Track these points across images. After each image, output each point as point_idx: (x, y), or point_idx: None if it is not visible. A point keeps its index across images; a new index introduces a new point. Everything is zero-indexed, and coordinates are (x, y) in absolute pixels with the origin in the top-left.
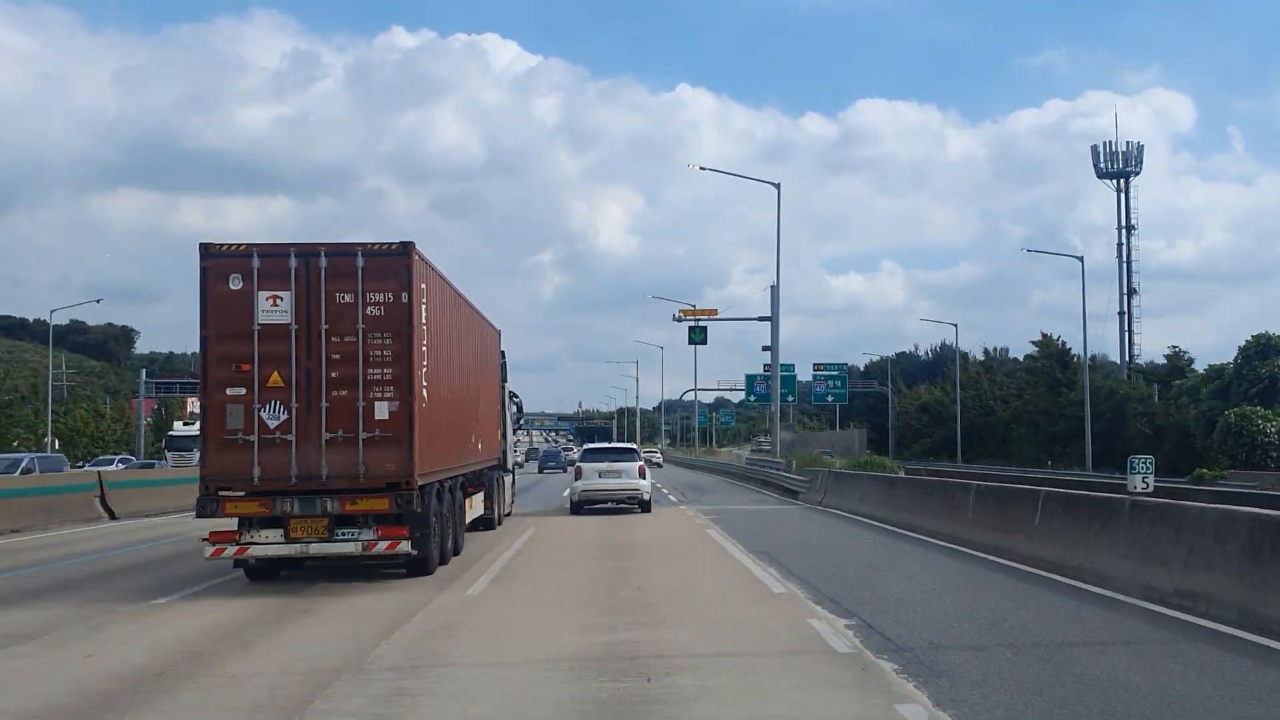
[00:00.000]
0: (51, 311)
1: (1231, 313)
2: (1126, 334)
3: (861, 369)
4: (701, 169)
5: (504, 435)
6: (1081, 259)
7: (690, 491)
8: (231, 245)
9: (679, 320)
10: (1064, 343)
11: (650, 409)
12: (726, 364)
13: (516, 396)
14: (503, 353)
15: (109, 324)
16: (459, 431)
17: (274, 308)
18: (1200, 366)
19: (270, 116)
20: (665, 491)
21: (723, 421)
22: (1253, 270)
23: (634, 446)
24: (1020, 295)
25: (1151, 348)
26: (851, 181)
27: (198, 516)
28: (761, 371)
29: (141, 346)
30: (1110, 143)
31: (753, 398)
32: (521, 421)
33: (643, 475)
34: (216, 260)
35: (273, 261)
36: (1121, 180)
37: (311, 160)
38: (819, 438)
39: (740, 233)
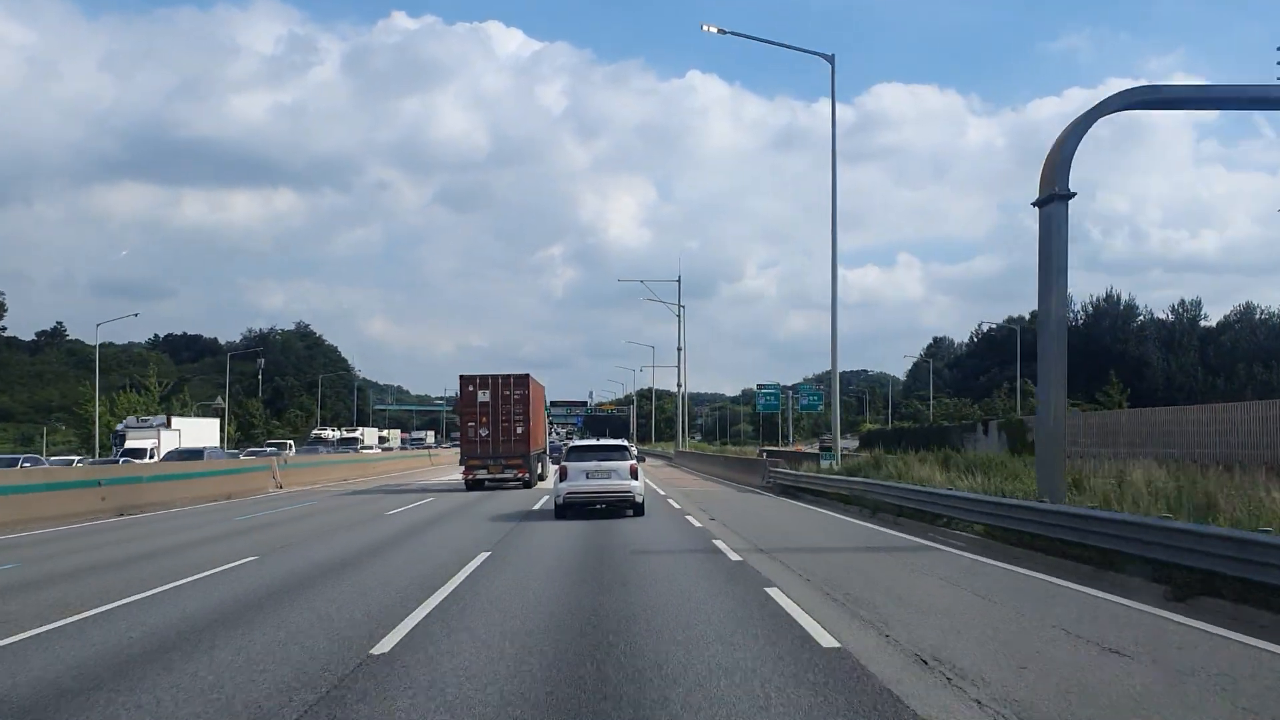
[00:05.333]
0: None
1: (1258, 304)
2: None
3: None
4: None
5: (546, 437)
6: None
7: None
8: (471, 375)
9: None
10: None
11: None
12: (738, 359)
13: (549, 414)
14: (546, 398)
15: None
16: (535, 435)
17: (484, 397)
18: None
19: (272, 105)
20: None
21: (806, 404)
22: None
23: (625, 443)
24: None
25: None
26: (869, 170)
27: (460, 464)
28: None
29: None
30: None
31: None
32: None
33: (634, 475)
34: (464, 379)
35: (484, 380)
36: None
37: (314, 150)
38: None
39: (754, 226)
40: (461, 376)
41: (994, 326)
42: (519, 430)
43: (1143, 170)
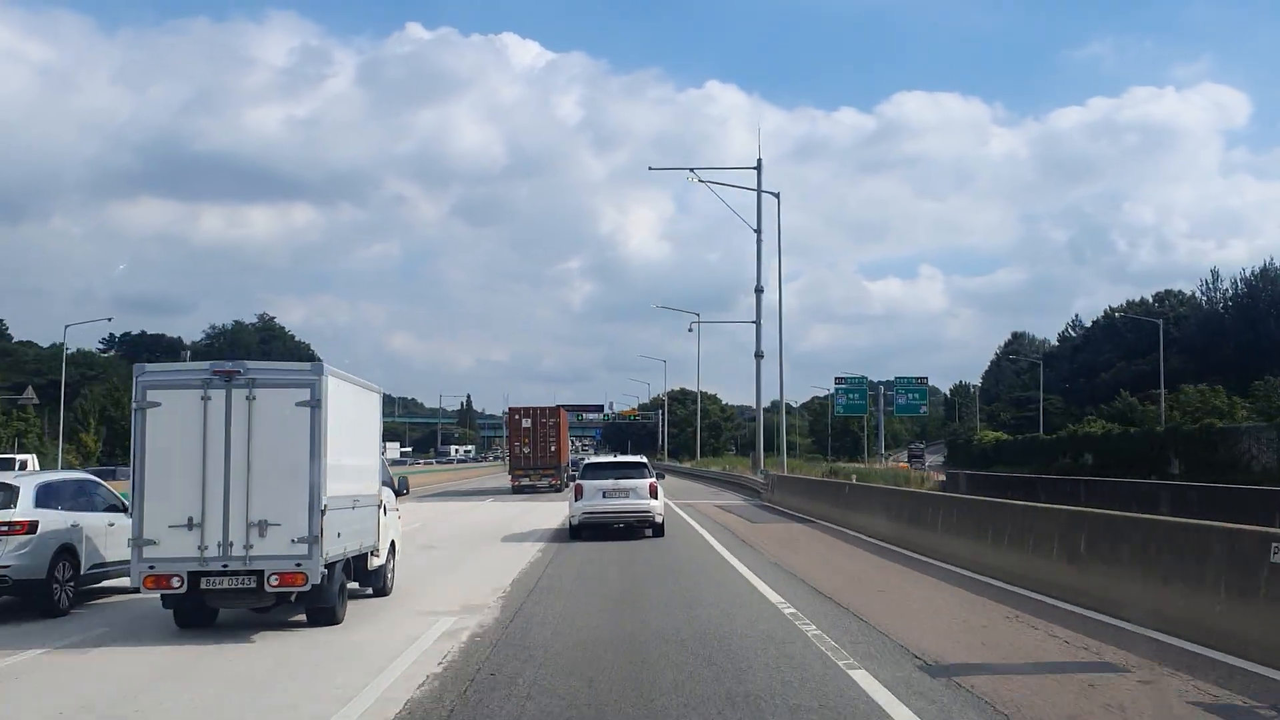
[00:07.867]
0: None
1: None
2: None
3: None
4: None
5: (569, 453)
6: None
7: None
8: (517, 407)
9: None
10: None
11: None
12: (765, 373)
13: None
14: (566, 417)
15: None
16: (563, 452)
17: (527, 424)
18: None
19: (288, 119)
20: None
21: (904, 405)
22: None
23: (644, 460)
24: (1063, 301)
25: None
26: (890, 181)
27: (508, 472)
28: None
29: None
30: None
31: None
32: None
33: (654, 494)
34: (512, 410)
35: (526, 411)
36: None
37: (331, 164)
38: None
39: (775, 238)
40: (510, 409)
41: (1119, 312)
42: (552, 449)
43: (1170, 179)
